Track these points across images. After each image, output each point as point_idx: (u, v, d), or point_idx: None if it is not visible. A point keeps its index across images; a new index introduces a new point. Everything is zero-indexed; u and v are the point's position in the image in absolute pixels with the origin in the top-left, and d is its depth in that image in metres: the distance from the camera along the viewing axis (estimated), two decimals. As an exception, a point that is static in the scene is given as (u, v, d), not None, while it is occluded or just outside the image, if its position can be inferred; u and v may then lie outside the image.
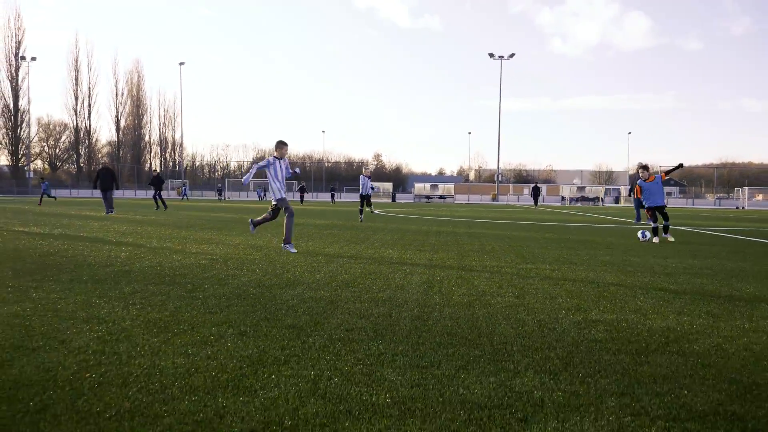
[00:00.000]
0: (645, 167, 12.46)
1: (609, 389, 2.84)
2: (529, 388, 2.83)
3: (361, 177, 17.50)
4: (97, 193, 22.73)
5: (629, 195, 22.05)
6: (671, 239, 11.68)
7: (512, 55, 65.42)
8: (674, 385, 2.92)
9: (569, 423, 2.41)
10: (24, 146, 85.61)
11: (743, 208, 58.26)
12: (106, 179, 19.59)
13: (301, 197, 45.35)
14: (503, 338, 3.78)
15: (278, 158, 8.84)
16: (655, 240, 11.39)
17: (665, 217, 11.84)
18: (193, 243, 9.88)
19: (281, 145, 8.95)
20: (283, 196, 8.89)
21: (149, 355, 3.26)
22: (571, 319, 4.38)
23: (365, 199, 17.50)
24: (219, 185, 55.99)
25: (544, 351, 3.50)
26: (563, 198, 66.80)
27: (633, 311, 4.73)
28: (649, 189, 11.95)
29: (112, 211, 19.56)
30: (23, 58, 67.88)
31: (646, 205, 11.95)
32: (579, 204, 63.88)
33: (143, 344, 3.49)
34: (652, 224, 11.67)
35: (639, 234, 11.64)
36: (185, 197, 53.25)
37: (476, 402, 2.63)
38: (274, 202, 8.96)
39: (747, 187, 64.60)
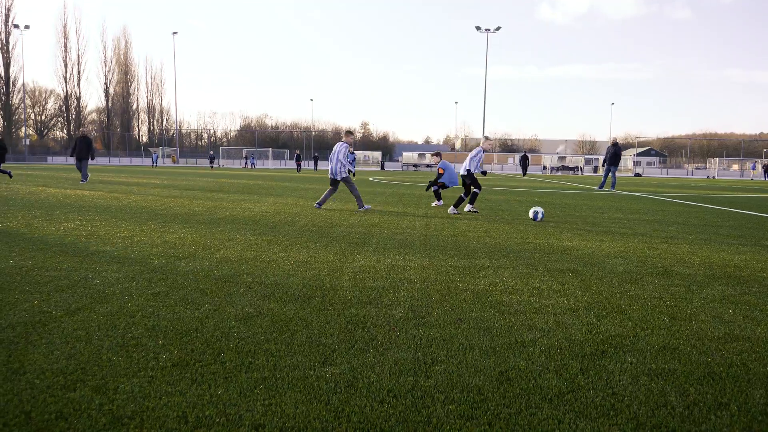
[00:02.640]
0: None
1: (521, 262, 5.77)
2: (482, 262, 5.75)
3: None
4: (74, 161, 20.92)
5: (602, 165, 24.59)
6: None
7: (498, 29, 67.56)
8: (547, 264, 5.85)
9: (498, 272, 5.32)
10: (19, 113, 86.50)
11: (713, 177, 61.78)
12: (83, 148, 19.34)
13: (299, 166, 47.72)
14: (473, 248, 6.69)
15: (349, 144, 11.38)
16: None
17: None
18: (237, 203, 12.67)
19: (349, 133, 11.61)
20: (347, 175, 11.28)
21: (284, 252, 6.12)
22: (515, 242, 7.30)
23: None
24: (211, 153, 58.06)
25: (494, 252, 6.41)
26: (544, 167, 69.84)
27: (555, 239, 7.66)
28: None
29: (84, 181, 19.13)
30: (16, 26, 68.57)
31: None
32: (560, 173, 67.03)
33: (273, 249, 6.34)
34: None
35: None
36: (155, 164, 56.44)
37: (456, 266, 5.54)
38: (339, 178, 11.14)
39: (717, 158, 68.25)
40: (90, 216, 9.13)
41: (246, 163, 61.56)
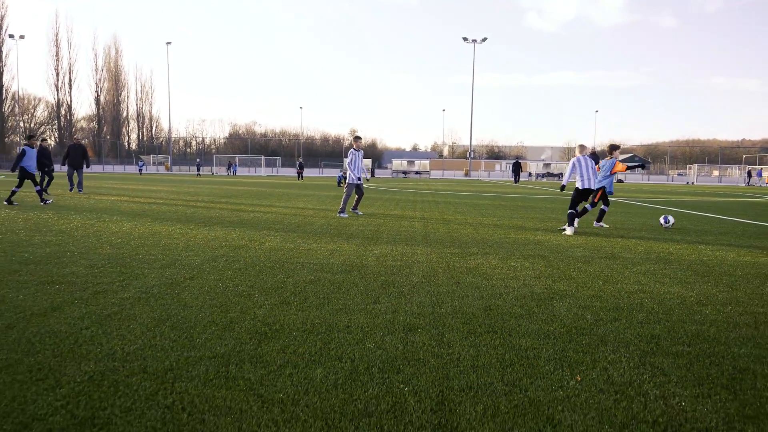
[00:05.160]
0: (616, 147, 11.07)
1: (502, 250, 7.45)
2: (472, 250, 7.43)
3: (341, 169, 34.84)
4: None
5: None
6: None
7: (484, 39, 69.82)
8: (523, 251, 7.54)
9: (485, 257, 6.99)
10: (12, 121, 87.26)
11: (692, 183, 64.10)
12: (77, 156, 18.78)
13: (299, 173, 48.63)
14: (465, 241, 8.37)
15: (356, 150, 12.13)
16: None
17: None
18: (253, 207, 14.28)
19: (358, 139, 12.21)
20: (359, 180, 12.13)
21: (316, 244, 7.76)
22: (498, 237, 9.00)
23: (343, 179, 29.58)
24: (198, 161, 59.43)
25: (481, 243, 8.09)
26: (530, 174, 71.88)
27: (531, 235, 9.36)
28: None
29: (81, 190, 18.90)
30: (11, 35, 69.66)
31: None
32: (545, 179, 69.10)
33: (306, 242, 7.98)
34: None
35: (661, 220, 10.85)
36: (141, 172, 58.89)
37: (452, 252, 7.21)
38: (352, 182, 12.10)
39: (696, 164, 70.79)
40: (134, 219, 10.71)
41: (229, 170, 63.46)
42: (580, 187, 9.83)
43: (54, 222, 9.80)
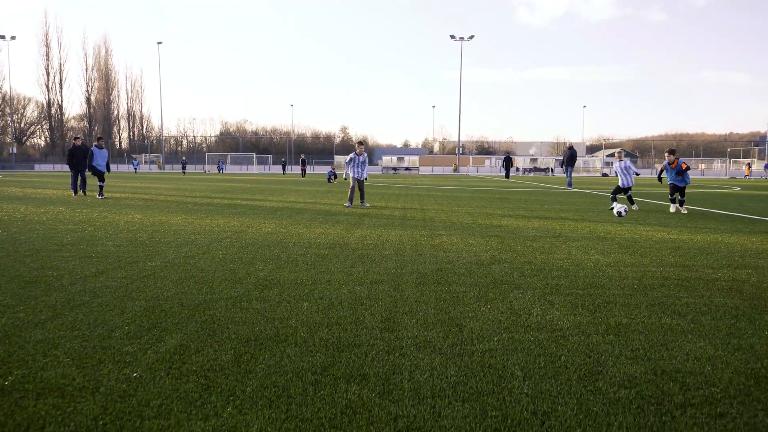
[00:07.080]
0: (672, 151, 13.75)
1: (466, 232, 8.71)
2: (440, 232, 8.68)
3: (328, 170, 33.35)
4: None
5: (561, 166, 27.60)
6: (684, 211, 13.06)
7: (472, 37, 71.17)
8: (483, 233, 8.79)
9: (449, 237, 8.24)
10: (5, 121, 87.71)
11: (674, 176, 65.47)
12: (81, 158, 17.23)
13: (303, 170, 49.37)
14: (435, 225, 9.61)
15: (358, 154, 13.62)
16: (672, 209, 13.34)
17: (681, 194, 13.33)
18: (251, 200, 15.49)
19: (360, 144, 13.81)
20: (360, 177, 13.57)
21: (305, 228, 8.98)
22: (468, 222, 10.26)
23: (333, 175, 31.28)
24: (183, 159, 60.30)
25: (449, 227, 9.34)
26: (517, 169, 73.36)
27: (496, 221, 10.62)
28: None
29: (82, 192, 17.39)
30: (2, 36, 70.25)
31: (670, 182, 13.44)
32: (532, 174, 70.59)
33: (297, 227, 9.20)
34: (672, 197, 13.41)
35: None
36: (135, 170, 60.46)
37: (422, 234, 8.45)
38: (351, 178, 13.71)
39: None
40: (141, 211, 11.89)
41: (218, 168, 64.61)
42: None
43: (70, 214, 10.97)
